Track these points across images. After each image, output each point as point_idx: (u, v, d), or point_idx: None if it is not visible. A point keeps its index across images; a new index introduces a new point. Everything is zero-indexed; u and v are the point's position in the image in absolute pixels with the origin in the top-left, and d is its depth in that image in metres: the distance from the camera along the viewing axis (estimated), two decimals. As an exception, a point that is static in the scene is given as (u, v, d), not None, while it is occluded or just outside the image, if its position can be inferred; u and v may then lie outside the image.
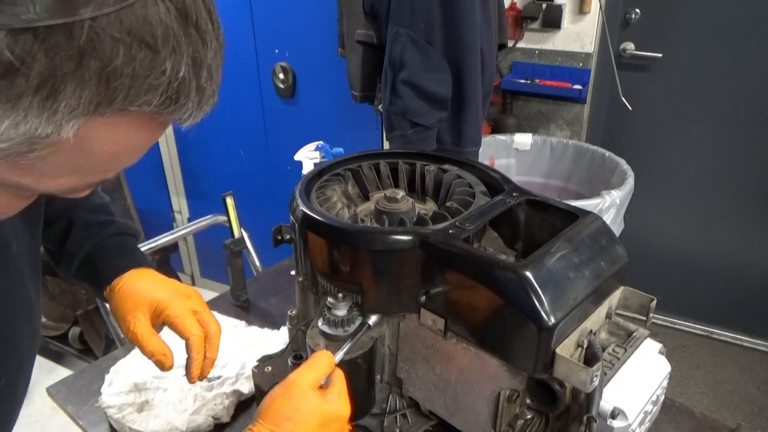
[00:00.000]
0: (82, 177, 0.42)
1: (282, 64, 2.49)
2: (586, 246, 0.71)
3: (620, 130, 2.54)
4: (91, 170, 0.42)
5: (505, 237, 0.83)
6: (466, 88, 1.56)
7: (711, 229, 2.57)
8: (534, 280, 0.64)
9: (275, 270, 1.57)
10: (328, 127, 2.49)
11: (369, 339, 0.78)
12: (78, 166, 0.41)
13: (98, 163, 0.42)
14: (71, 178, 0.42)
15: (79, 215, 0.89)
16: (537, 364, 0.65)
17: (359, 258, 0.74)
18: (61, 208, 0.88)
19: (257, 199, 2.68)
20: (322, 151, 1.47)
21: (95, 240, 0.88)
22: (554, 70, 2.31)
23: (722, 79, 2.32)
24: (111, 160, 0.42)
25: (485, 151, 2.15)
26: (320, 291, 0.80)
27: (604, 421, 0.69)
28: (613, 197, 1.75)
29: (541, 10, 2.24)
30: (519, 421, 0.77)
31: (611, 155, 2.08)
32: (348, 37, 1.77)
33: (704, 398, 2.41)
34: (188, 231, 1.88)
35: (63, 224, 0.88)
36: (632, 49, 2.41)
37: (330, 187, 0.87)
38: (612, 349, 0.75)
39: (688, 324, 2.75)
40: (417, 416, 0.89)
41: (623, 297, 0.77)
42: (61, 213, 0.88)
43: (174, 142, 2.99)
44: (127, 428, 0.99)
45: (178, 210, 3.21)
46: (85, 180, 0.43)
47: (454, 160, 0.93)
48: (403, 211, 0.80)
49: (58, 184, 0.42)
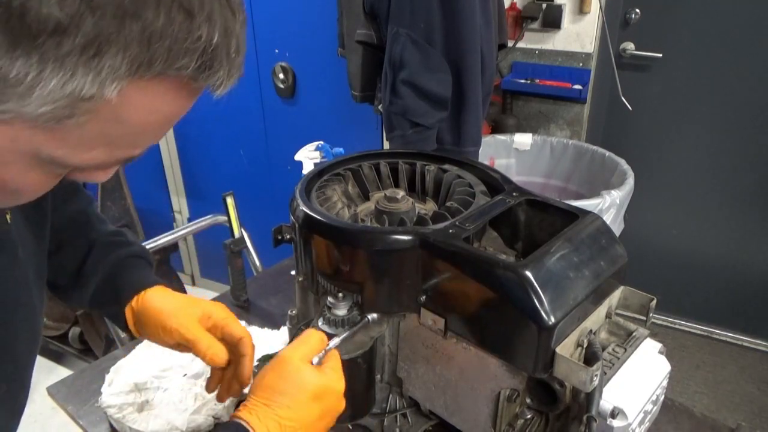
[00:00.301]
0: (112, 151, 0.43)
1: (282, 64, 2.49)
2: (586, 246, 0.71)
3: (620, 130, 2.54)
4: (122, 143, 0.43)
5: (505, 237, 0.83)
6: (466, 88, 1.56)
7: (711, 229, 2.57)
8: (534, 280, 0.64)
9: (275, 270, 1.57)
10: (328, 127, 2.49)
11: (369, 339, 0.78)
12: (111, 137, 0.41)
13: (130, 134, 0.43)
14: (103, 151, 0.42)
15: (98, 237, 0.87)
16: (537, 364, 0.65)
17: (359, 258, 0.74)
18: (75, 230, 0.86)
19: (257, 199, 2.68)
20: (322, 151, 1.47)
21: (120, 254, 0.86)
22: (554, 70, 2.31)
23: (722, 79, 2.32)
24: (142, 132, 0.43)
25: (485, 151, 2.15)
26: (320, 291, 0.80)
27: (604, 421, 0.69)
28: (613, 197, 1.75)
29: (541, 10, 2.24)
30: (519, 420, 0.77)
31: (611, 155, 2.08)
32: (348, 37, 1.77)
33: (704, 398, 2.41)
34: (188, 231, 1.88)
35: (82, 245, 0.86)
36: (632, 49, 2.41)
37: (330, 186, 0.87)
38: (612, 348, 0.75)
39: (688, 324, 2.75)
40: (417, 416, 0.89)
41: (623, 297, 0.77)
42: (76, 234, 0.87)
43: (174, 142, 2.99)
44: (127, 428, 0.99)
45: (178, 210, 3.21)
46: (115, 155, 0.44)
47: (454, 160, 0.93)
48: (403, 211, 0.80)
49: (90, 157, 0.42)
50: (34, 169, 0.42)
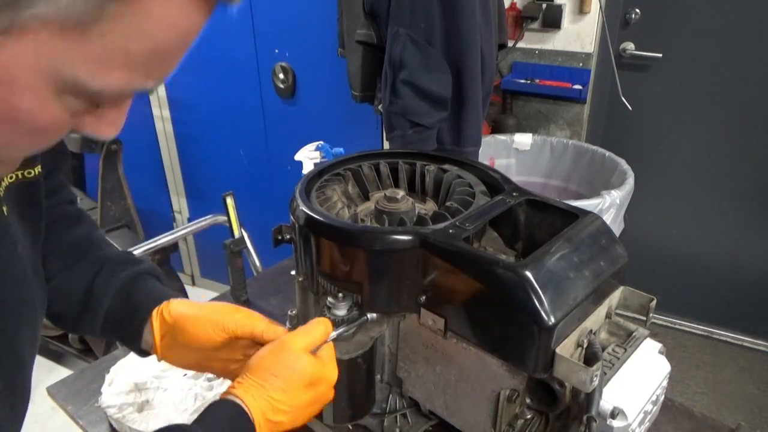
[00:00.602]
0: (129, 75, 0.43)
1: (282, 64, 2.49)
2: (586, 246, 0.71)
3: (620, 130, 2.55)
4: (139, 65, 0.43)
5: (505, 237, 0.83)
6: (466, 88, 1.56)
7: (711, 229, 2.57)
8: (534, 280, 0.64)
9: (275, 270, 1.57)
10: (328, 127, 2.49)
11: (369, 339, 0.78)
12: (130, 55, 0.42)
13: (148, 54, 0.43)
14: (121, 75, 0.42)
15: (107, 258, 0.82)
16: (537, 364, 0.65)
17: (359, 258, 0.74)
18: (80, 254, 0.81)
19: (257, 199, 2.68)
20: (322, 151, 1.47)
21: (134, 271, 0.81)
22: (554, 70, 2.31)
23: (722, 79, 2.32)
24: (159, 52, 0.43)
25: (485, 151, 2.15)
26: (320, 291, 0.80)
27: (604, 421, 0.69)
28: (613, 197, 1.75)
29: (541, 10, 2.24)
30: (519, 421, 0.77)
31: (611, 155, 2.08)
32: (348, 37, 1.77)
33: (704, 398, 2.41)
34: (188, 231, 1.88)
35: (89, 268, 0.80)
36: (632, 49, 2.41)
37: (330, 187, 0.87)
38: (612, 349, 0.75)
39: (688, 324, 2.75)
40: (417, 416, 0.89)
41: (623, 297, 0.77)
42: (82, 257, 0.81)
43: (174, 142, 2.99)
44: (127, 428, 0.99)
45: (178, 210, 3.21)
46: (132, 82, 0.44)
47: (454, 160, 0.93)
48: (403, 211, 0.80)
49: (109, 80, 0.42)
50: (53, 101, 0.42)
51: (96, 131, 0.48)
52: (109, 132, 0.48)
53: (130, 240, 2.47)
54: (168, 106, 2.89)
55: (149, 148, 3.04)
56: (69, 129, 0.46)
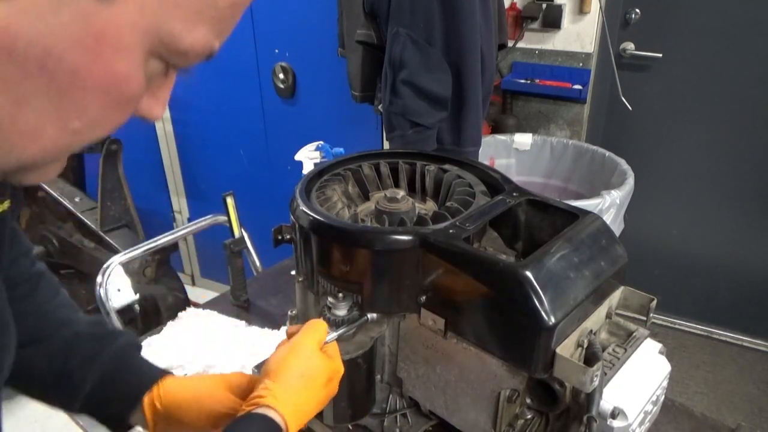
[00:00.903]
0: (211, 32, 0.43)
1: (282, 64, 2.49)
2: (586, 246, 0.71)
3: (620, 130, 2.54)
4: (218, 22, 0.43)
5: (505, 237, 0.83)
6: (466, 88, 1.56)
7: (711, 229, 2.57)
8: (534, 280, 0.64)
9: (275, 270, 1.57)
10: (328, 127, 2.49)
11: (369, 339, 0.78)
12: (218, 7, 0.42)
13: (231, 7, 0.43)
14: (206, 30, 0.42)
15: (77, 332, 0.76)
16: (537, 364, 0.65)
17: (359, 258, 0.74)
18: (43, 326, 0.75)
19: (257, 199, 2.68)
20: (322, 151, 1.47)
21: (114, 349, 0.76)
22: (554, 70, 2.31)
23: (722, 79, 2.32)
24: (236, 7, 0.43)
25: (485, 151, 2.15)
26: (320, 291, 0.80)
27: (604, 421, 0.69)
28: (613, 197, 1.75)
29: (541, 10, 2.24)
30: (519, 421, 0.77)
31: (611, 155, 2.08)
32: (348, 37, 1.77)
33: (704, 398, 2.41)
34: (188, 231, 1.88)
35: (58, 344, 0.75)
36: (632, 49, 2.41)
37: (330, 187, 0.87)
38: (612, 349, 0.75)
39: (688, 324, 2.75)
40: (417, 416, 0.89)
41: (623, 297, 0.77)
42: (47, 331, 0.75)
43: (174, 142, 2.99)
44: (127, 428, 0.99)
45: (178, 210, 3.21)
46: (211, 41, 0.43)
47: (455, 160, 0.93)
48: (404, 211, 0.80)
49: (197, 35, 0.42)
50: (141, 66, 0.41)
51: (152, 111, 0.46)
52: (160, 113, 0.47)
53: (130, 240, 2.47)
54: (168, 106, 2.89)
55: (149, 148, 3.03)
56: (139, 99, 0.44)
